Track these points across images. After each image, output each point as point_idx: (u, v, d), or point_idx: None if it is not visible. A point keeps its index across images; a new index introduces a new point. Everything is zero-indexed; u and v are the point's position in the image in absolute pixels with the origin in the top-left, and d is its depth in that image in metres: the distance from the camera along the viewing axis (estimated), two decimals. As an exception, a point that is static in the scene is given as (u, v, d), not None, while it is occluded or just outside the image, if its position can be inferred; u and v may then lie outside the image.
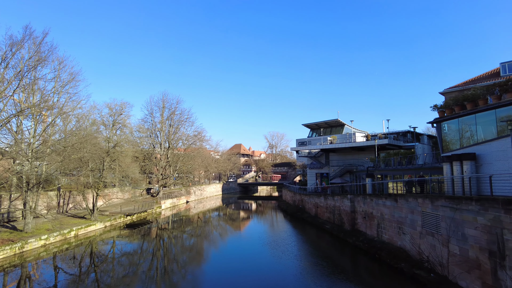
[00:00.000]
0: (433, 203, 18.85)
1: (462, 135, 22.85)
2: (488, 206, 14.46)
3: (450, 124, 23.80)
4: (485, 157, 20.47)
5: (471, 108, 21.64)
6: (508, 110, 19.46)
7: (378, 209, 26.28)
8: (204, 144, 79.27)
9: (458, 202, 16.64)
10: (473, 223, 15.37)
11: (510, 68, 31.83)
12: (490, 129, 20.62)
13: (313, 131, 58.90)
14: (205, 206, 67.74)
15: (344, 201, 33.00)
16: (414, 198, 21.06)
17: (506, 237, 13.35)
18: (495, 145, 19.88)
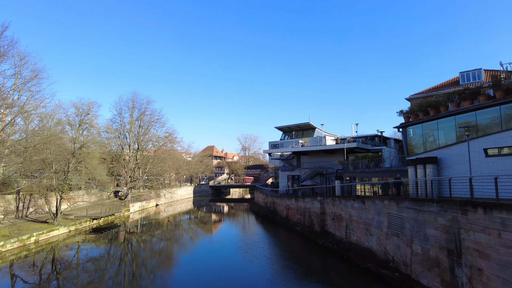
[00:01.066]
0: (398, 205, 19.62)
1: (426, 139, 24.00)
2: (447, 207, 15.25)
3: (415, 129, 24.93)
4: (446, 161, 21.61)
5: (434, 114, 22.79)
6: (466, 116, 20.69)
7: (347, 210, 26.98)
8: (175, 145, 77.97)
9: (421, 204, 17.43)
10: (434, 223, 16.15)
11: (468, 77, 33.84)
12: (450, 134, 21.81)
13: (286, 134, 59.57)
14: (176, 209, 66.52)
15: (314, 203, 33.60)
16: (380, 200, 21.83)
17: (463, 236, 14.14)
18: (454, 150, 21.05)
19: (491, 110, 19.28)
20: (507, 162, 18.20)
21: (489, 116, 19.48)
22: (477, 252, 13.35)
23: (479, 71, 33.11)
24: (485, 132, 19.44)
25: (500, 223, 12.29)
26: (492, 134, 19.00)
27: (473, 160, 19.35)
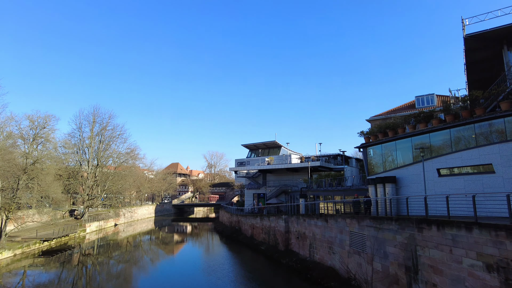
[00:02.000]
0: (360, 223, 20.09)
1: (385, 159, 25.05)
2: (405, 225, 15.84)
3: (375, 149, 25.98)
4: (403, 180, 22.61)
5: (392, 136, 23.93)
6: (421, 138, 21.93)
7: (310, 229, 27.19)
8: (137, 162, 75.26)
9: (381, 222, 17.96)
10: (393, 241, 16.66)
11: (423, 101, 36.21)
12: (407, 154, 22.94)
13: (252, 151, 59.77)
14: (136, 229, 63.57)
15: (279, 222, 33.58)
16: (343, 219, 22.25)
17: (419, 253, 14.68)
18: (411, 169, 22.12)
19: (442, 133, 20.60)
20: (457, 181, 19.38)
21: (441, 138, 20.79)
22: (432, 268, 13.87)
23: (432, 96, 35.56)
24: (438, 153, 20.68)
25: (451, 239, 12.92)
26: (444, 155, 20.24)
27: (428, 180, 20.41)
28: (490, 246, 11.35)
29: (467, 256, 12.22)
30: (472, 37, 20.42)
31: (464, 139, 19.64)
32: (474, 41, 20.77)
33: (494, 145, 17.87)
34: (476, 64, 23.68)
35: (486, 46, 21.39)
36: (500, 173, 17.39)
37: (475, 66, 24.05)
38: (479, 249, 11.77)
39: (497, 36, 20.21)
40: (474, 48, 21.76)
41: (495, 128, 18.16)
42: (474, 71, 24.67)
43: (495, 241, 11.17)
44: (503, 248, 10.88)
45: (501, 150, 17.49)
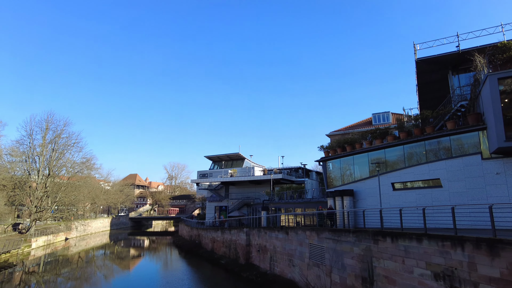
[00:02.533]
0: (319, 235, 20.46)
1: (344, 173, 25.96)
2: (361, 237, 16.38)
3: (334, 163, 26.85)
4: (361, 193, 23.50)
5: (350, 150, 24.92)
6: (377, 153, 23.03)
7: (271, 242, 27.23)
8: (93, 172, 71.48)
9: (339, 234, 18.43)
10: (350, 253, 17.13)
11: (379, 118, 38.20)
12: (364, 169, 23.96)
13: (215, 163, 59.20)
14: (89, 243, 59.84)
15: (240, 235, 33.29)
16: (303, 231, 22.56)
17: (375, 264, 15.20)
18: (368, 183, 23.08)
19: (396, 149, 21.83)
20: (409, 195, 20.52)
21: (396, 154, 22.02)
22: (386, 278, 14.41)
23: (388, 113, 37.67)
24: (392, 168, 21.82)
25: (404, 250, 13.55)
26: (398, 170, 21.39)
27: (383, 193, 21.40)
28: (437, 256, 12.05)
29: (418, 266, 12.86)
30: (422, 61, 22.08)
31: (416, 155, 20.94)
32: (424, 64, 22.47)
33: (442, 161, 19.21)
34: (426, 85, 25.54)
35: (435, 70, 23.20)
36: (447, 187, 18.69)
37: (425, 87, 25.93)
38: (428, 259, 12.44)
39: (443, 61, 22.02)
40: (424, 71, 23.51)
41: (443, 146, 19.57)
42: (425, 92, 26.58)
43: (442, 251, 11.88)
44: (449, 257, 11.60)
45: (447, 166, 18.84)
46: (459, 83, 22.49)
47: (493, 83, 15.94)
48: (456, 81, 22.79)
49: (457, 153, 18.77)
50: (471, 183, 17.86)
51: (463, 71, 22.12)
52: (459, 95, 21.60)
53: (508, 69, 15.80)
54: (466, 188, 17.96)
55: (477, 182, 17.66)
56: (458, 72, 22.61)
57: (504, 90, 16.41)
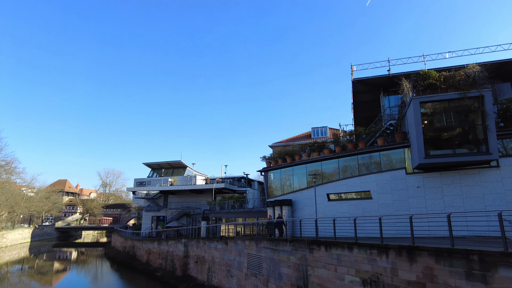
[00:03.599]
0: (258, 245, 20.64)
1: (284, 183, 26.68)
2: (298, 246, 16.88)
3: (275, 173, 27.50)
4: (298, 203, 24.31)
5: (290, 162, 25.75)
6: (314, 165, 24.11)
7: (210, 252, 26.78)
8: (13, 177, 64.00)
9: (277, 243, 18.78)
10: (287, 262, 17.53)
11: (318, 132, 40.17)
12: (303, 180, 24.89)
13: (154, 171, 56.91)
14: (3, 257, 53.01)
15: (178, 246, 32.22)
16: (242, 241, 22.56)
17: (309, 272, 15.74)
18: (305, 193, 23.98)
19: (332, 162, 23.10)
20: (343, 205, 21.77)
21: (331, 166, 23.29)
22: (320, 286, 14.98)
23: (325, 128, 39.81)
24: (328, 180, 23.01)
25: (336, 259, 14.25)
26: (333, 182, 22.61)
27: (319, 203, 22.40)
28: (366, 263, 12.89)
29: (348, 273, 13.61)
30: (358, 81, 23.86)
31: (350, 168, 22.37)
32: (360, 85, 24.29)
33: (372, 174, 20.77)
34: (361, 104, 27.59)
35: (369, 90, 25.20)
36: (376, 199, 20.20)
37: (360, 106, 28.00)
38: (357, 267, 13.24)
39: (376, 83, 24.04)
40: (359, 91, 25.40)
41: (374, 160, 21.20)
42: (359, 110, 28.69)
43: (369, 259, 12.75)
44: (375, 264, 12.47)
45: (377, 179, 20.42)
46: (389, 104, 24.68)
47: (416, 106, 17.78)
48: (386, 102, 24.97)
49: (386, 167, 20.47)
50: (396, 195, 19.56)
51: (393, 93, 24.33)
52: (389, 114, 23.68)
53: (428, 95, 17.78)
54: (392, 200, 19.62)
55: (402, 195, 19.40)
56: (388, 93, 24.81)
57: (425, 112, 18.42)
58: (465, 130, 17.97)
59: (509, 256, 8.65)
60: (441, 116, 18.36)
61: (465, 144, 17.91)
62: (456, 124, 18.02)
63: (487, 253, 9.12)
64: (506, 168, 17.53)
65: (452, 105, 17.82)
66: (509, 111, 17.74)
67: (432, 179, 18.80)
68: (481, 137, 17.12)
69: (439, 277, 10.30)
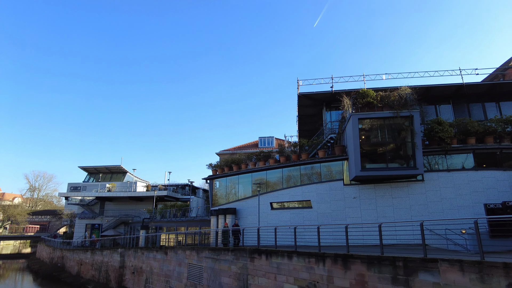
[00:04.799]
0: (199, 254, 20.20)
1: (229, 191, 26.59)
2: (239, 255, 16.85)
3: (221, 181, 27.31)
4: (243, 212, 24.36)
5: (236, 170, 25.81)
6: (260, 174, 24.45)
7: (148, 263, 25.57)
8: None
9: (219, 253, 18.57)
10: (228, 271, 17.39)
11: (265, 142, 40.91)
12: (248, 188, 25.05)
13: (91, 175, 53.18)
14: None
15: (114, 256, 30.26)
16: (182, 250, 21.92)
17: (250, 281, 15.77)
18: (250, 202, 24.14)
19: (277, 171, 23.64)
20: (285, 214, 22.30)
21: (276, 175, 23.80)
22: (259, 295, 15.06)
23: (272, 138, 40.72)
24: (273, 188, 23.46)
25: (276, 267, 14.48)
26: (276, 191, 23.10)
27: (262, 212, 22.69)
28: (304, 271, 13.28)
29: (287, 282, 13.89)
30: (303, 95, 24.86)
31: (293, 178, 23.05)
32: (305, 99, 25.32)
33: (313, 184, 21.64)
34: (305, 117, 28.74)
35: (313, 105, 26.36)
36: (316, 208, 21.04)
37: (304, 119, 29.14)
38: (296, 275, 13.58)
39: (319, 98, 25.25)
40: (304, 105, 26.46)
41: (315, 171, 22.12)
42: (304, 123, 29.84)
43: (308, 267, 13.16)
44: (313, 272, 12.91)
45: (317, 189, 21.31)
46: (330, 118, 26.03)
47: (354, 121, 19.02)
48: (328, 116, 26.30)
49: (325, 178, 21.48)
50: (335, 205, 20.58)
51: (335, 109, 25.73)
52: (330, 128, 24.97)
53: (366, 112, 19.15)
54: (331, 209, 20.58)
55: (339, 204, 20.46)
56: (330, 109, 26.18)
57: (363, 128, 19.77)
58: (397, 146, 19.61)
59: (427, 261, 9.53)
60: (377, 132, 19.85)
61: (397, 159, 19.54)
62: (390, 140, 19.60)
63: (410, 259, 9.95)
64: (429, 182, 19.44)
65: (387, 123, 19.38)
66: (433, 131, 19.75)
67: (367, 191, 20.13)
68: (410, 153, 18.82)
69: (369, 283, 10.97)
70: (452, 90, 23.29)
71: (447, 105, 24.31)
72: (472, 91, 23.41)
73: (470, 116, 23.58)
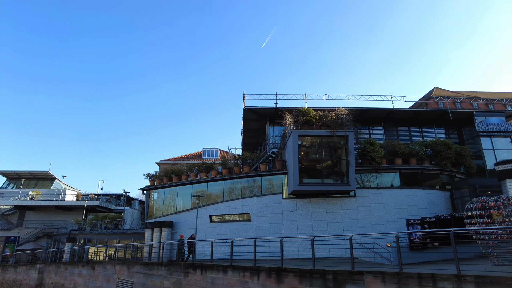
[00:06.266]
0: (130, 269, 18.96)
1: (168, 203, 25.57)
2: (173, 270, 16.15)
3: (159, 192, 26.19)
4: (180, 225, 23.54)
5: (176, 181, 25.00)
6: (201, 186, 23.97)
7: (72, 279, 23.33)
8: None
9: (151, 267, 17.61)
10: (160, 287, 16.52)
11: (209, 153, 40.43)
12: (187, 200, 24.35)
13: (11, 181, 47.59)
14: None
15: (30, 272, 27.08)
16: (112, 265, 20.41)
17: (183, 298, 15.13)
18: (188, 215, 23.46)
19: (218, 183, 23.38)
20: (224, 227, 22.03)
21: (217, 188, 23.51)
22: (191, 312, 14.48)
23: (216, 150, 40.40)
24: (214, 201, 23.08)
25: (211, 282, 14.12)
26: (217, 203, 22.78)
27: (201, 225, 22.14)
28: (239, 286, 13.10)
29: (221, 297, 13.57)
30: (249, 109, 25.19)
31: (235, 191, 22.96)
32: (250, 113, 25.67)
33: (253, 197, 21.77)
34: (249, 130, 29.06)
35: (257, 119, 26.81)
36: (255, 221, 21.12)
37: (248, 132, 29.45)
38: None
39: (264, 113, 25.80)
40: (249, 118, 26.79)
41: (256, 184, 22.31)
42: (248, 136, 30.13)
43: (242, 281, 13.02)
44: (247, 286, 12.79)
45: (257, 202, 21.47)
46: (273, 133, 26.64)
47: (295, 138, 19.68)
48: (271, 131, 26.89)
49: (266, 191, 21.75)
50: (273, 218, 20.85)
51: (278, 124, 26.39)
52: (272, 143, 25.51)
53: (306, 129, 19.96)
54: (269, 223, 20.81)
55: (277, 218, 20.79)
56: (274, 124, 26.82)
57: (303, 144, 20.53)
58: (333, 163, 20.65)
59: (354, 274, 10.01)
60: (315, 149, 20.74)
61: (332, 175, 20.55)
62: (326, 157, 20.58)
63: (339, 272, 10.37)
64: (360, 198, 20.72)
65: (324, 141, 20.35)
66: (365, 151, 21.21)
67: (303, 205, 20.78)
68: (344, 170, 19.92)
69: (301, 296, 11.15)
70: (384, 114, 25.40)
71: (379, 127, 26.42)
72: (401, 116, 25.76)
73: (398, 138, 25.87)
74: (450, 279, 8.23)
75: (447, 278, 8.30)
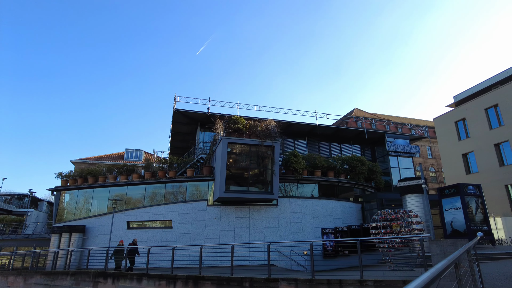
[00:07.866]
0: (27, 280, 16.83)
1: (82, 206, 23.36)
2: (80, 279, 14.79)
3: (72, 194, 23.83)
4: (93, 230, 21.68)
5: (92, 183, 23.06)
6: (119, 189, 22.51)
7: (-50, 293, 19.75)
8: None
9: (55, 277, 15.90)
10: (63, 299, 14.95)
11: (132, 154, 38.27)
12: (104, 204, 22.59)
13: None
14: None
15: None
16: (3, 277, 17.85)
17: (89, 311, 13.89)
18: (103, 220, 21.75)
19: (139, 187, 22.19)
20: (143, 234, 20.90)
21: (138, 192, 22.28)
22: (98, 326, 13.36)
23: (141, 151, 38.44)
24: (134, 206, 21.79)
25: (122, 292, 13.23)
26: (136, 209, 21.58)
27: (117, 231, 20.67)
28: (153, 295, 12.53)
29: (133, 308, 12.79)
30: (179, 112, 24.57)
31: (158, 196, 22.01)
32: (181, 116, 25.05)
33: (176, 204, 21.15)
34: (179, 134, 28.30)
35: (188, 123, 26.29)
36: (176, 228, 20.50)
37: (177, 136, 28.66)
38: (144, 300, 12.66)
39: (195, 117, 25.43)
40: (179, 122, 26.12)
41: (181, 190, 21.74)
42: (177, 140, 29.31)
43: (157, 290, 12.49)
44: (162, 296, 12.30)
45: (180, 208, 20.91)
46: (203, 139, 26.36)
47: (224, 145, 19.75)
48: (202, 136, 26.58)
49: (192, 198, 21.31)
50: (196, 225, 20.48)
51: (208, 130, 26.19)
52: (202, 148, 25.21)
53: (236, 137, 20.19)
54: (191, 230, 20.36)
55: (200, 225, 20.48)
56: (205, 129, 26.55)
57: (232, 152, 20.69)
58: (260, 171, 21.18)
59: (270, 281, 10.35)
60: (243, 157, 21.07)
61: (258, 183, 21.05)
62: (254, 165, 21.04)
63: (255, 280, 10.61)
64: (282, 206, 21.56)
65: (252, 150, 20.81)
66: (289, 162, 22.24)
67: (227, 212, 20.85)
68: (269, 179, 20.57)
69: (217, 305, 11.10)
70: (308, 129, 27.01)
71: (303, 140, 28.01)
72: (323, 132, 27.68)
73: (320, 152, 27.71)
74: (354, 284, 9.03)
75: (352, 284, 9.09)
